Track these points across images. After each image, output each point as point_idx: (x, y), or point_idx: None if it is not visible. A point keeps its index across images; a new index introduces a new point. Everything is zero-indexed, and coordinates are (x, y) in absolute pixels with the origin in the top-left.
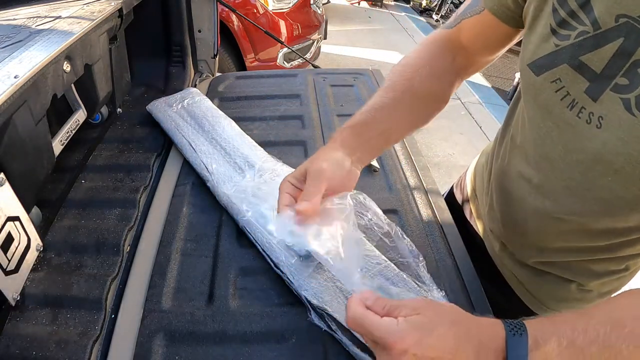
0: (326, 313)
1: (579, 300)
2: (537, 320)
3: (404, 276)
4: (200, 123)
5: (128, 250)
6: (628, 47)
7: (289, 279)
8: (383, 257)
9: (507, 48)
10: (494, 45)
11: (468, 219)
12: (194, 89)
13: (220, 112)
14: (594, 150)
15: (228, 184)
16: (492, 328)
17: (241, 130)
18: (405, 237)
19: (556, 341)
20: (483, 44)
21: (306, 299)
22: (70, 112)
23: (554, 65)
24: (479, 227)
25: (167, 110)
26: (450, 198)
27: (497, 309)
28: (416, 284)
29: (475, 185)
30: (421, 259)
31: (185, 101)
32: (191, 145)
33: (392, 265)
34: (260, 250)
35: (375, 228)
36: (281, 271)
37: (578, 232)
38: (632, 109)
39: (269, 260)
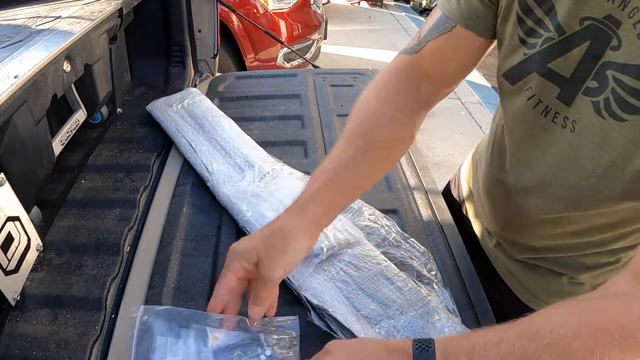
0: (326, 313)
1: (572, 292)
2: (448, 337)
3: (404, 276)
4: (200, 123)
5: (128, 250)
6: (595, 50)
7: (288, 279)
8: (383, 257)
9: (474, 67)
10: (465, 64)
11: (465, 214)
12: (194, 89)
13: (220, 112)
14: (569, 153)
15: (228, 184)
16: (400, 349)
17: (241, 130)
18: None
19: (466, 356)
20: (452, 66)
21: (306, 299)
22: (70, 112)
23: (525, 75)
24: (474, 224)
25: (167, 110)
26: (447, 193)
27: (491, 305)
28: (415, 283)
29: (470, 183)
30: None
31: (185, 101)
32: (191, 145)
33: (392, 265)
34: None
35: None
36: None
37: (563, 231)
38: (601, 112)
39: None
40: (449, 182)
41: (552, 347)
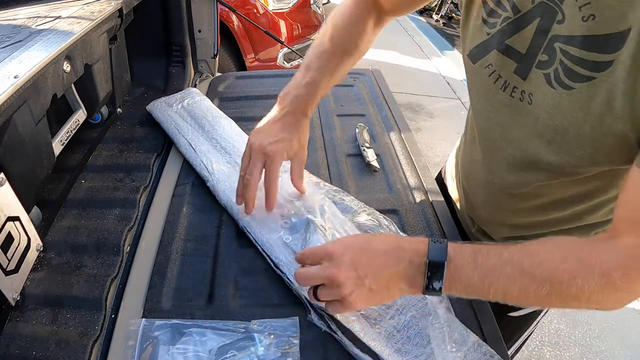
0: (326, 313)
1: None
2: (459, 242)
3: None
4: (200, 123)
5: (128, 250)
6: (545, 25)
7: (289, 279)
8: None
9: (420, 6)
10: (410, 6)
11: (451, 202)
12: (194, 89)
13: (220, 112)
14: (528, 125)
15: (228, 184)
16: (417, 239)
17: (241, 130)
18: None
19: (471, 255)
20: (402, 4)
21: (306, 299)
22: (70, 112)
23: (486, 52)
24: (457, 211)
25: (167, 110)
26: (439, 179)
27: None
28: None
29: (452, 172)
30: None
31: (185, 101)
32: (191, 145)
33: None
34: (260, 250)
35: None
36: (281, 271)
37: (533, 204)
38: (552, 83)
39: (269, 260)
40: (441, 170)
41: (543, 266)
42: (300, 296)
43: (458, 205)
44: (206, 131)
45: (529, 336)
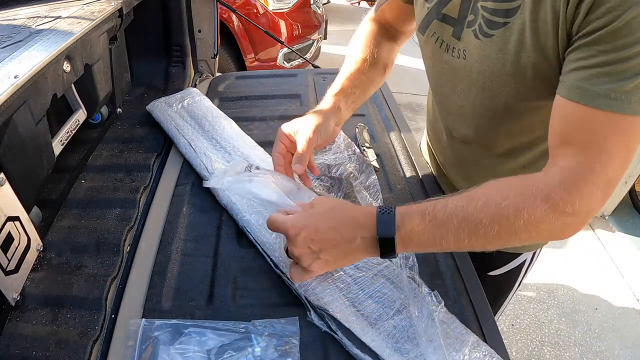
0: (326, 313)
1: None
2: (406, 205)
3: (404, 276)
4: (200, 123)
5: (128, 250)
6: None
7: (289, 279)
8: None
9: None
10: (405, 17)
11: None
12: (194, 89)
13: (220, 112)
14: (466, 76)
15: None
16: (366, 209)
17: (241, 130)
18: None
19: (419, 217)
20: (397, 19)
21: (306, 299)
22: (70, 112)
23: (429, 23)
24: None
25: (167, 110)
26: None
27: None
28: (415, 283)
29: (427, 146)
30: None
31: (185, 101)
32: (191, 145)
33: (392, 265)
34: (260, 250)
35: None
36: (281, 271)
37: (490, 156)
38: (478, 36)
39: (268, 260)
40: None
41: (486, 207)
42: (300, 296)
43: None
44: (206, 131)
45: (512, 296)
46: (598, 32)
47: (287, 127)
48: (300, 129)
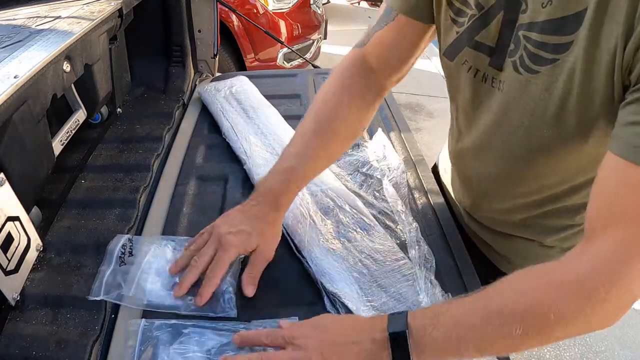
0: (339, 300)
1: (543, 256)
2: (421, 309)
3: (422, 275)
4: (244, 108)
5: None
6: (511, 17)
7: (307, 264)
8: (403, 254)
9: (419, 52)
10: (409, 48)
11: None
12: (245, 77)
13: (266, 102)
14: (500, 111)
15: (264, 168)
16: (376, 316)
17: (283, 120)
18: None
19: (433, 317)
20: (396, 53)
21: (322, 284)
22: (70, 112)
23: (459, 50)
24: (451, 201)
25: (216, 94)
26: (434, 170)
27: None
28: (431, 283)
29: (444, 163)
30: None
31: (234, 88)
32: (233, 129)
33: (410, 263)
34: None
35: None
36: (302, 255)
37: (516, 190)
38: (518, 69)
39: (291, 244)
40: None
41: (511, 303)
42: (317, 281)
43: (452, 193)
44: (250, 117)
45: None
46: None
47: (242, 243)
48: (261, 248)
